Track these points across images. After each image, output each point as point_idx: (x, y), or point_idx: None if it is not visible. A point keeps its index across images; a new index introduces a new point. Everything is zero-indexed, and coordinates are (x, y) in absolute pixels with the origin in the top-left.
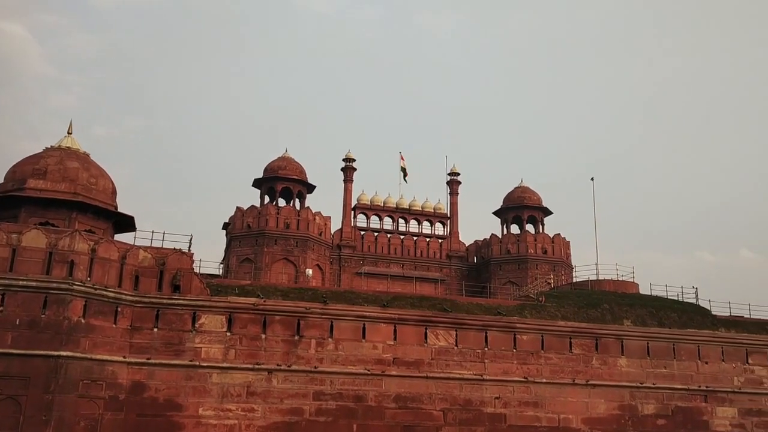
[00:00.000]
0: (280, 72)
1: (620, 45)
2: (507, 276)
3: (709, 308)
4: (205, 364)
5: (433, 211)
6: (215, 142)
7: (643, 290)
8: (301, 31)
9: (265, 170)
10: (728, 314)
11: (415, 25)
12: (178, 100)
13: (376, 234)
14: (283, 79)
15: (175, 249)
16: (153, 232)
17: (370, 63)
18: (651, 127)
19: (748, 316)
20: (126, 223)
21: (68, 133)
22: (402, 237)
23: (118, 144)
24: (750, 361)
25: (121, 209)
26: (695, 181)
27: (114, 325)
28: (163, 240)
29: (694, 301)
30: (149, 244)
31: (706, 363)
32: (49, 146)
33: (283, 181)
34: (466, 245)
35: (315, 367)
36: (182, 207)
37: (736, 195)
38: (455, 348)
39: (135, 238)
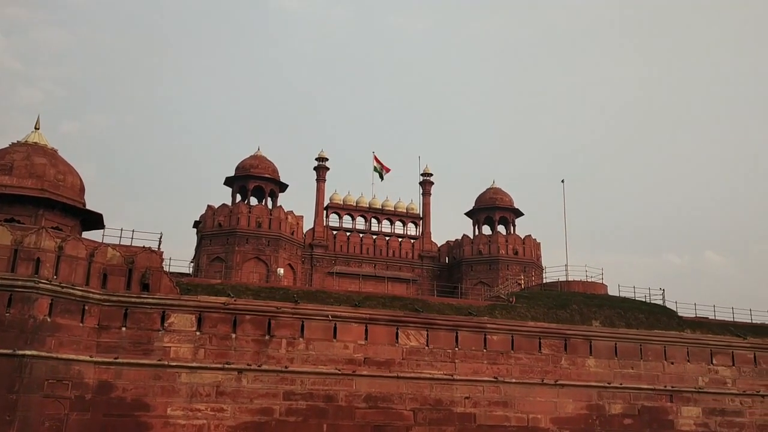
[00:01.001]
0: (252, 70)
1: (592, 49)
2: (478, 276)
3: (675, 309)
4: (174, 364)
5: (405, 211)
6: (186, 139)
7: (612, 291)
8: (273, 29)
9: (237, 168)
10: (694, 315)
11: (388, 25)
12: (148, 97)
13: (348, 234)
14: (255, 77)
15: (144, 247)
16: (122, 230)
17: (343, 62)
18: (621, 131)
19: (713, 318)
20: (94, 221)
21: (35, 128)
22: (374, 237)
23: (87, 140)
24: (714, 361)
25: (89, 206)
26: (663, 184)
27: (81, 324)
28: (132, 238)
29: (661, 302)
30: (118, 242)
31: (672, 363)
32: (15, 141)
33: (255, 180)
34: (438, 245)
35: (285, 367)
36: (152, 205)
37: (702, 198)
38: (426, 348)
39: (103, 235)
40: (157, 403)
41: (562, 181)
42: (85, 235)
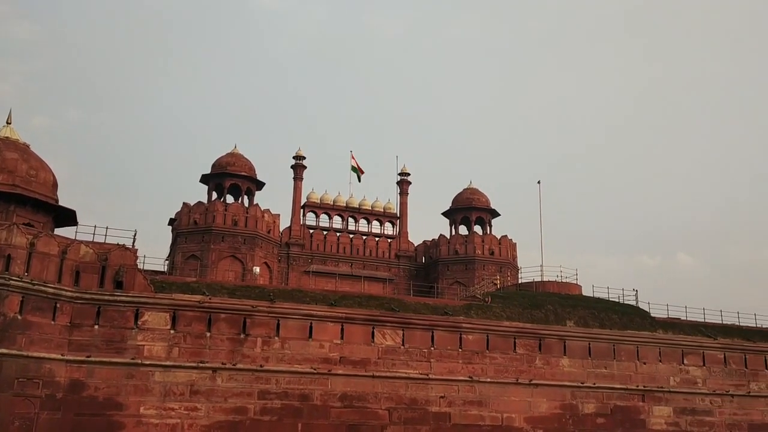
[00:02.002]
0: (229, 67)
1: (569, 51)
2: (454, 276)
3: (648, 310)
4: (147, 362)
5: (382, 210)
6: (162, 136)
7: (586, 292)
8: (251, 27)
9: (214, 166)
10: (666, 316)
11: (366, 25)
12: (122, 93)
13: (325, 232)
14: (233, 75)
15: (118, 244)
16: (95, 227)
17: (321, 62)
18: (596, 133)
19: (684, 318)
20: (67, 217)
21: (7, 122)
22: (351, 236)
23: (60, 136)
24: (685, 361)
25: (62, 203)
26: (636, 186)
27: (52, 322)
28: (105, 235)
29: (634, 303)
30: (91, 240)
31: (645, 363)
32: None
33: (231, 178)
34: (415, 245)
35: (261, 366)
36: (127, 202)
37: (674, 200)
38: (402, 347)
39: (76, 232)
40: (130, 402)
41: (539, 182)
42: (58, 231)
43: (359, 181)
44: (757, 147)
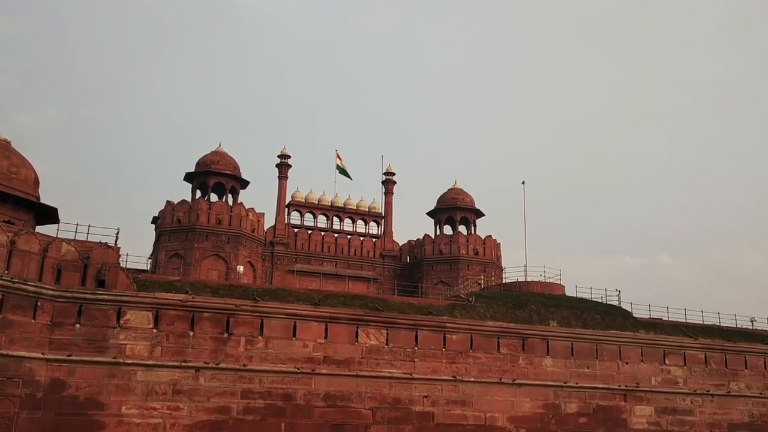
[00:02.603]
0: (214, 65)
1: (556, 51)
2: (439, 276)
3: (630, 310)
4: (129, 362)
5: (367, 210)
6: (145, 134)
7: (569, 292)
8: (237, 25)
9: (198, 164)
10: (648, 316)
11: (352, 24)
12: (105, 90)
13: (309, 232)
14: (217, 73)
15: (100, 243)
16: (77, 224)
17: (306, 60)
18: (581, 134)
19: (666, 319)
20: (49, 215)
21: None
22: (336, 235)
23: (42, 133)
24: (667, 361)
25: (43, 200)
26: (619, 187)
27: (33, 321)
28: (88, 233)
29: (616, 303)
30: (73, 237)
31: (627, 363)
32: None
33: (215, 176)
34: (400, 245)
35: (244, 365)
36: (109, 200)
37: (655, 202)
38: (386, 347)
39: (58, 230)
40: (112, 401)
41: (523, 183)
42: (39, 229)
43: (350, 179)
44: (736, 150)
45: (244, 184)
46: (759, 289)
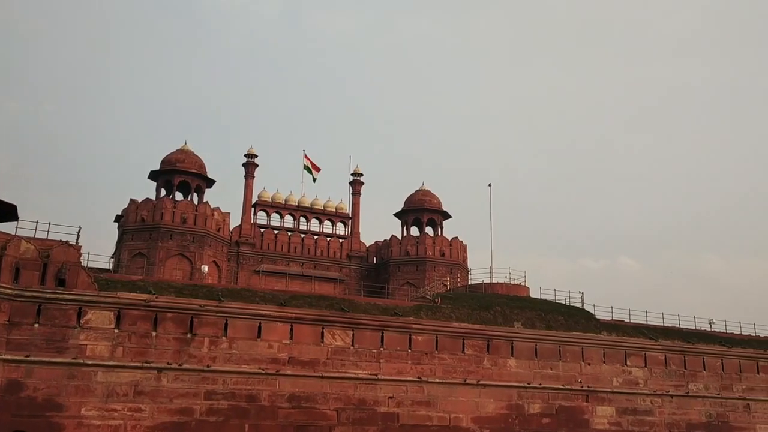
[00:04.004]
0: (181, 63)
1: (519, 52)
2: (405, 277)
3: (593, 312)
4: (89, 362)
5: (334, 210)
6: (109, 131)
7: (534, 294)
8: (203, 23)
9: (163, 162)
10: (610, 318)
11: (318, 24)
12: (67, 86)
13: (276, 232)
14: (184, 71)
15: (61, 241)
16: (37, 222)
17: (274, 60)
18: (544, 137)
19: (628, 320)
20: (7, 212)
21: None
22: (303, 235)
23: (0, 128)
24: (628, 362)
25: (2, 197)
26: (582, 191)
27: None
28: (48, 231)
29: (580, 305)
30: (33, 235)
31: (589, 364)
32: None
33: (180, 175)
34: (367, 246)
35: (207, 366)
36: (71, 198)
37: (617, 205)
38: (351, 348)
39: (17, 228)
40: (71, 403)
41: (489, 185)
42: None
43: (314, 180)
44: (695, 155)
45: (210, 183)
46: (717, 291)
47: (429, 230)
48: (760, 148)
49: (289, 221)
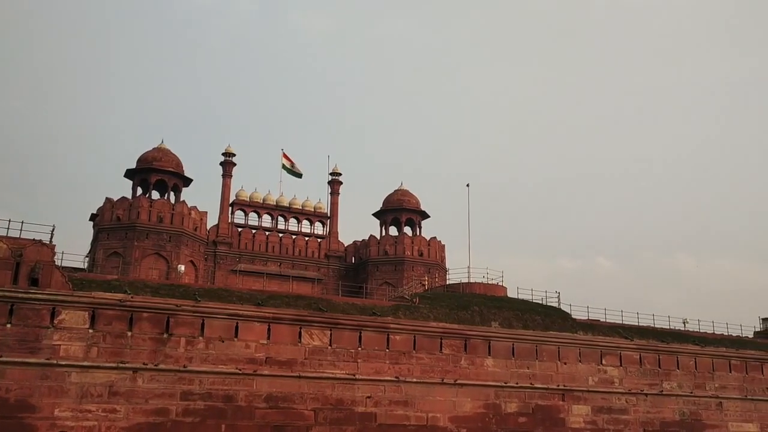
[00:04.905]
0: (158, 61)
1: (497, 51)
2: (384, 277)
3: (569, 312)
4: (63, 363)
5: (313, 210)
6: (84, 129)
7: (511, 293)
8: (181, 21)
9: (139, 161)
10: (586, 318)
11: (296, 23)
12: (41, 81)
13: (254, 231)
14: (161, 69)
15: (34, 240)
16: (10, 221)
17: (251, 58)
18: (522, 138)
19: (604, 320)
20: None
21: None
22: (281, 235)
23: None
24: (603, 362)
25: None
26: (559, 191)
27: None
28: (21, 230)
29: (556, 304)
30: (5, 234)
31: (565, 364)
32: None
33: (157, 173)
34: (345, 245)
35: (184, 366)
36: (45, 196)
37: (594, 206)
38: (329, 348)
39: None
40: (44, 404)
41: (467, 186)
42: None
43: (300, 177)
44: (670, 156)
45: (187, 181)
46: (691, 291)
47: (407, 230)
48: (733, 150)
49: (267, 221)
